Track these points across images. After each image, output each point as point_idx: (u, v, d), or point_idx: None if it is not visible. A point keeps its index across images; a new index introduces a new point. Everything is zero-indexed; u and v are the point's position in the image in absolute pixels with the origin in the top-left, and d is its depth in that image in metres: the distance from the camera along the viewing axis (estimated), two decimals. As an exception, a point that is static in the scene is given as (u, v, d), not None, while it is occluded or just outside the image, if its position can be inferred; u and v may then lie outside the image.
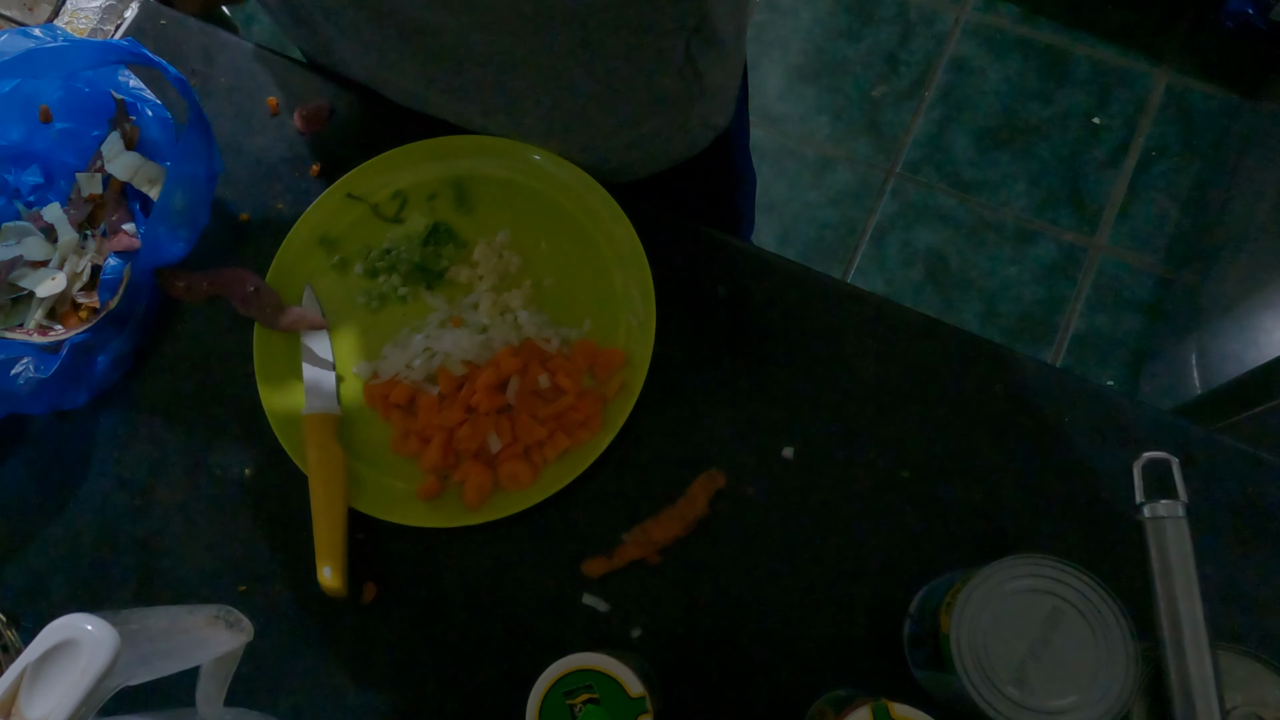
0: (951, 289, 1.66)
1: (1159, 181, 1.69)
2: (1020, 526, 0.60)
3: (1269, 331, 1.14)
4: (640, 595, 0.61)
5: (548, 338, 0.66)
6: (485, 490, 0.62)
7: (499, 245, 0.70)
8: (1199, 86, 1.74)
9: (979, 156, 1.74)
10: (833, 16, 1.88)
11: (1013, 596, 0.48)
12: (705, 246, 0.69)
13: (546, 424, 0.63)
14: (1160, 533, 0.49)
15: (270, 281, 0.69)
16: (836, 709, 0.49)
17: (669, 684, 0.58)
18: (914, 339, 0.65)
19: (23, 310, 0.69)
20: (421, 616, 0.62)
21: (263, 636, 0.53)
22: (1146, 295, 1.62)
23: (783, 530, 0.61)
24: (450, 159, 0.72)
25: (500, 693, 0.60)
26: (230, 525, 0.66)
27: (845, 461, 0.62)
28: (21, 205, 0.73)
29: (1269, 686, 0.49)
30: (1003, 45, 1.81)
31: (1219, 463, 0.60)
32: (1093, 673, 0.46)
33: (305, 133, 0.75)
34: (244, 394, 0.68)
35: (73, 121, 0.73)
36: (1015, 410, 0.62)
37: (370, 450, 0.66)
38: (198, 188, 0.69)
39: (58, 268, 0.70)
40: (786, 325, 0.66)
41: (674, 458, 0.63)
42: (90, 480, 0.68)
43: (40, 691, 0.37)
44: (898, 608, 0.58)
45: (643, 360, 0.64)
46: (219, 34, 0.80)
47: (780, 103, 1.83)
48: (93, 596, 0.65)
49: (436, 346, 0.66)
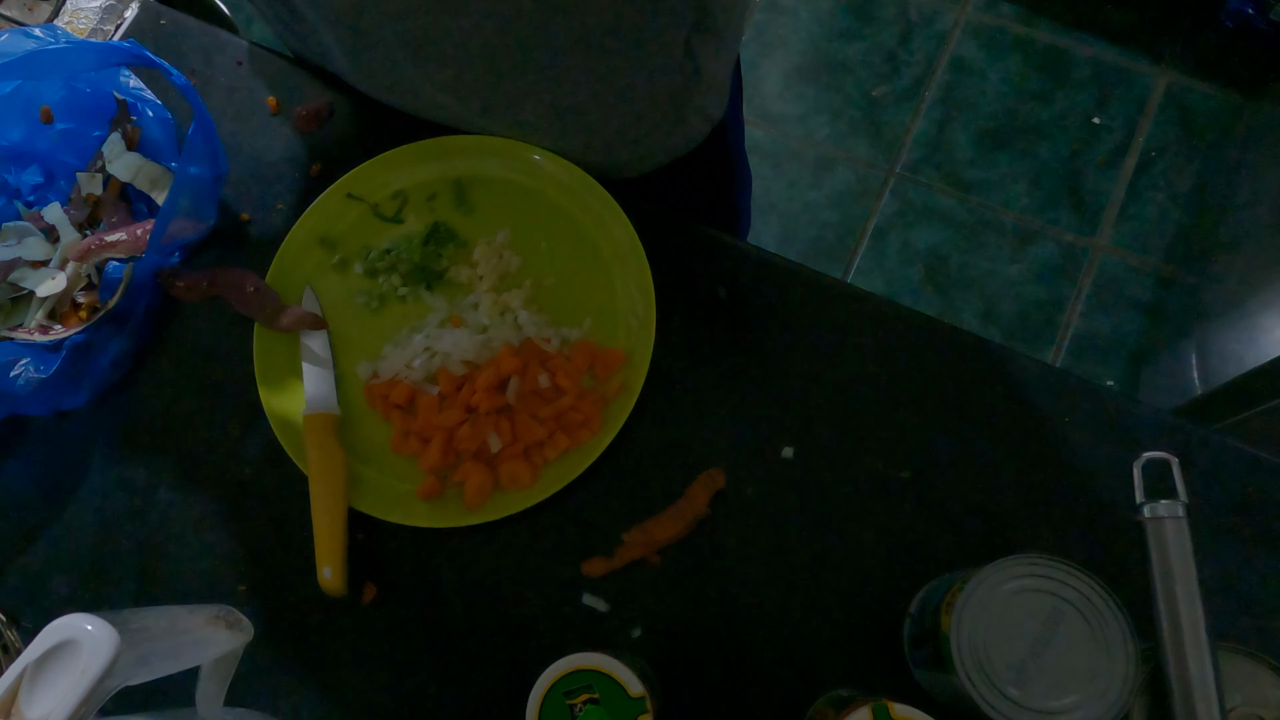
0: (951, 289, 1.66)
1: (1159, 181, 1.69)
2: (1020, 526, 0.60)
3: (1269, 331, 1.14)
4: (640, 595, 0.61)
5: (548, 338, 0.66)
6: (485, 490, 0.62)
7: (499, 245, 0.70)
8: (1199, 86, 1.74)
9: (979, 156, 1.74)
10: (833, 16, 1.88)
11: (1013, 596, 0.48)
12: (705, 246, 0.69)
13: (546, 424, 0.63)
14: (1160, 533, 0.49)
15: (270, 281, 0.69)
16: (836, 709, 0.49)
17: (669, 684, 0.58)
18: (914, 339, 0.65)
19: (23, 310, 0.69)
20: (421, 616, 0.62)
21: (263, 636, 0.53)
22: (1146, 295, 1.62)
23: (783, 530, 0.61)
24: (450, 159, 0.72)
25: (500, 693, 0.60)
26: (230, 525, 0.66)
27: (845, 461, 0.62)
28: (21, 205, 0.73)
29: (1269, 686, 0.49)
30: (1003, 45, 1.81)
31: (1219, 463, 0.60)
32: (1093, 673, 0.46)
33: (305, 132, 0.75)
34: (244, 394, 0.68)
35: (74, 122, 0.73)
36: (1015, 410, 0.62)
37: (370, 450, 0.66)
38: (204, 189, 0.69)
39: (58, 268, 0.70)
40: (786, 325, 0.66)
41: (674, 458, 0.63)
42: (90, 480, 0.68)
43: (40, 691, 0.37)
44: (898, 608, 0.58)
45: (643, 360, 0.64)
46: (219, 34, 0.80)
47: (780, 103, 1.83)
48: (93, 596, 0.65)
49: (436, 346, 0.66)
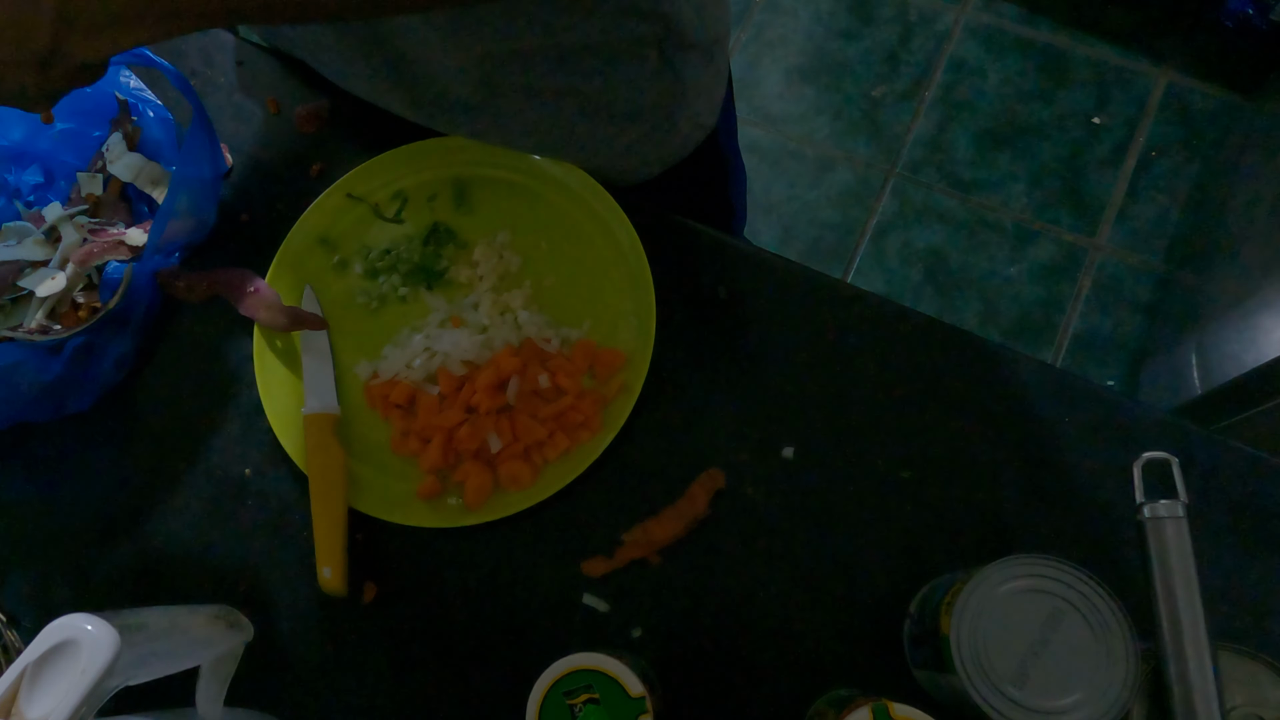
0: (951, 289, 1.66)
1: (1159, 181, 1.69)
2: (1020, 526, 0.60)
3: (1269, 331, 1.14)
4: (640, 595, 0.61)
5: (548, 338, 0.66)
6: (485, 490, 0.62)
7: (499, 245, 0.70)
8: (1199, 86, 1.74)
9: (979, 156, 1.74)
10: (833, 16, 1.88)
11: (1013, 596, 0.48)
12: (705, 246, 0.69)
13: (546, 424, 0.63)
14: (1160, 533, 0.49)
15: (270, 281, 0.69)
16: (836, 709, 0.49)
17: (669, 684, 0.58)
18: (914, 339, 0.65)
19: (22, 310, 0.69)
20: (421, 616, 0.62)
21: (263, 636, 0.53)
22: (1146, 295, 1.62)
23: (783, 530, 0.61)
24: (450, 159, 0.72)
25: (500, 693, 0.60)
26: (230, 525, 0.66)
27: (845, 461, 0.62)
28: (21, 205, 0.73)
29: (1269, 686, 0.49)
30: (1003, 45, 1.81)
31: (1219, 463, 0.60)
32: (1093, 673, 0.46)
33: (305, 132, 0.75)
34: (244, 394, 0.68)
35: (74, 122, 0.73)
36: (1015, 410, 0.62)
37: (370, 450, 0.66)
38: (204, 189, 0.69)
39: (58, 268, 0.70)
40: (786, 325, 0.66)
41: (674, 458, 0.63)
42: (90, 480, 0.68)
43: (40, 691, 0.37)
44: (898, 608, 0.58)
45: (643, 360, 0.64)
46: (219, 34, 0.80)
47: (780, 102, 1.83)
48: (93, 597, 0.65)
49: (436, 346, 0.66)
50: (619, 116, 0.69)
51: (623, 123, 0.69)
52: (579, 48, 0.63)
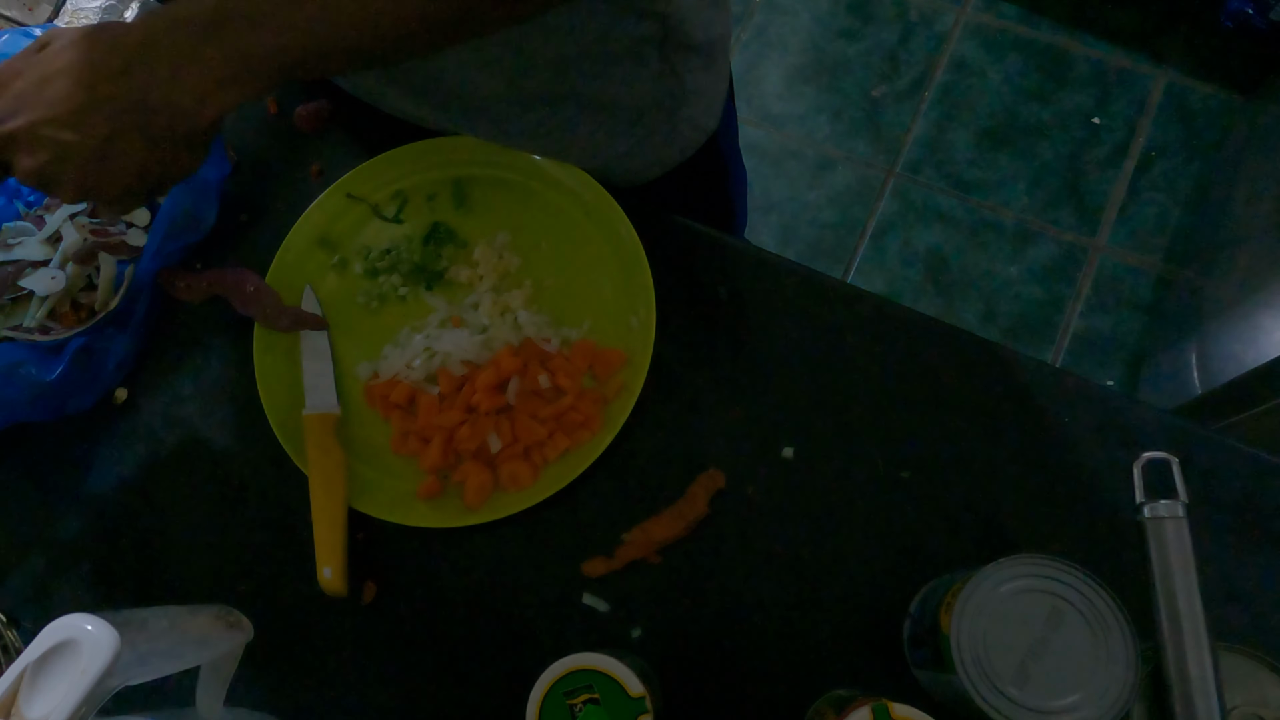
0: (951, 289, 1.66)
1: (1159, 181, 1.69)
2: (1020, 526, 0.60)
3: (1269, 331, 1.14)
4: (640, 595, 0.61)
5: (548, 338, 0.66)
6: (485, 490, 0.62)
7: (499, 245, 0.70)
8: (1199, 86, 1.74)
9: (979, 156, 1.74)
10: (833, 16, 1.88)
11: (1013, 596, 0.48)
12: (705, 246, 0.69)
13: (546, 424, 0.63)
14: (1160, 533, 0.49)
15: (270, 281, 0.69)
16: (836, 709, 0.49)
17: (669, 684, 0.58)
18: (914, 339, 0.65)
19: (22, 310, 0.69)
20: (421, 616, 0.62)
21: (263, 636, 0.53)
22: (1146, 295, 1.62)
23: (783, 530, 0.61)
24: (450, 159, 0.72)
25: (500, 693, 0.60)
26: (230, 525, 0.66)
27: (845, 461, 0.62)
28: (22, 205, 0.73)
29: (1269, 686, 0.49)
30: (1003, 45, 1.81)
31: (1219, 463, 0.60)
32: (1093, 673, 0.46)
33: (305, 132, 0.75)
34: (244, 394, 0.68)
35: (73, 122, 0.73)
36: (1015, 410, 0.62)
37: (370, 450, 0.66)
38: (204, 189, 0.69)
39: (58, 267, 0.70)
40: (786, 325, 0.66)
41: (674, 458, 0.63)
42: (90, 480, 0.68)
43: (40, 691, 0.37)
44: (898, 608, 0.58)
45: (643, 360, 0.64)
46: (219, 34, 0.80)
47: (780, 103, 1.83)
48: (93, 596, 0.65)
49: (436, 346, 0.66)
50: (620, 119, 0.69)
51: (624, 125, 0.70)
52: (580, 49, 0.63)
